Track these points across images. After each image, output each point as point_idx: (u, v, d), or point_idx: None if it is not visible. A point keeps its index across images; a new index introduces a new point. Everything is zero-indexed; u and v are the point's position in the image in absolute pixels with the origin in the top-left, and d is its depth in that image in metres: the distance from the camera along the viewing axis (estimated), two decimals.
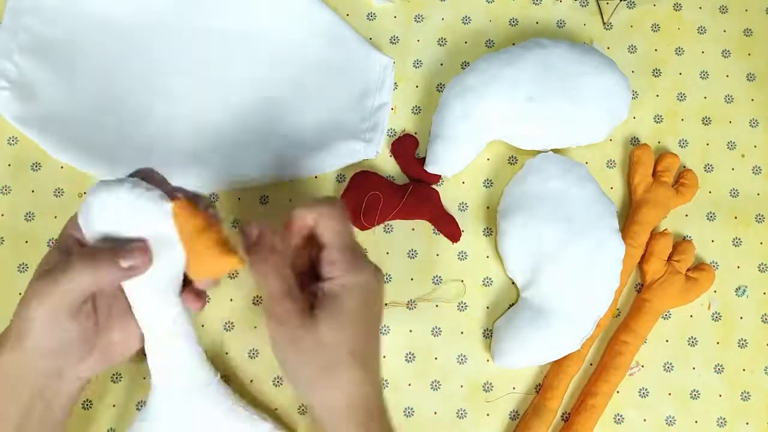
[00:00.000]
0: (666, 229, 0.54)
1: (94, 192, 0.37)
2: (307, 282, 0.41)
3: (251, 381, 0.50)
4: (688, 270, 0.53)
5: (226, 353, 0.51)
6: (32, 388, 0.39)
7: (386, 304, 0.52)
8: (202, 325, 0.51)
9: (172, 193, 0.38)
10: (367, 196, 0.51)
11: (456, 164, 0.52)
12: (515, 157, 0.55)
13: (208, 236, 0.37)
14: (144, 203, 0.37)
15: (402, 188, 0.52)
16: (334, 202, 0.40)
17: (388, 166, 0.54)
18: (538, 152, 0.53)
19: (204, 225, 0.37)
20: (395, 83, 0.55)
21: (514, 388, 0.52)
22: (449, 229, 0.53)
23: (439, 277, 0.53)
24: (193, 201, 0.38)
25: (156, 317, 0.40)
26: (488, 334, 0.52)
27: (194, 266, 0.39)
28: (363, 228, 0.52)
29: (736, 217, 0.55)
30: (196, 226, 0.37)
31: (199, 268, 0.39)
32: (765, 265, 0.55)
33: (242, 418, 0.46)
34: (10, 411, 0.39)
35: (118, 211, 0.37)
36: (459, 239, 0.53)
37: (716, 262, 0.54)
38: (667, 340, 0.53)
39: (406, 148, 0.53)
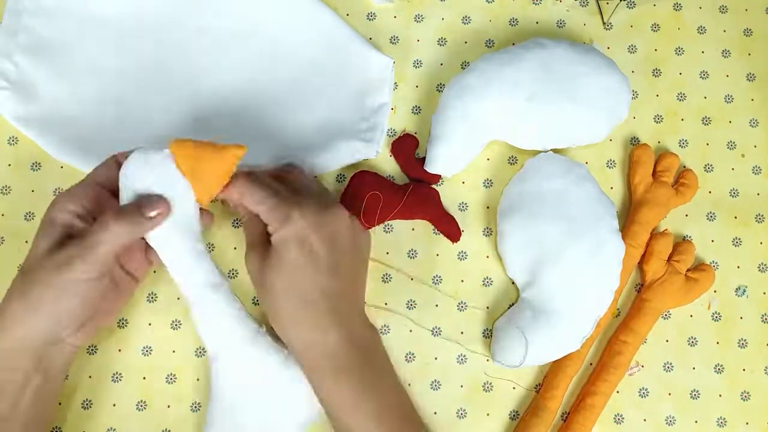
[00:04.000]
0: (666, 229, 0.54)
1: (126, 163, 0.44)
2: None
3: None
4: (688, 270, 0.53)
5: None
6: (32, 360, 0.41)
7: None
8: None
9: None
10: (367, 196, 0.51)
11: (456, 164, 0.52)
12: (515, 157, 0.55)
13: (205, 146, 0.43)
14: (153, 156, 0.43)
15: (402, 188, 0.52)
16: (240, 176, 0.43)
17: (388, 166, 0.54)
18: (538, 152, 0.53)
19: (195, 143, 0.43)
20: (395, 83, 0.55)
21: (514, 388, 0.52)
22: (449, 229, 0.53)
23: (439, 277, 0.53)
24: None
25: (191, 270, 0.44)
26: (488, 334, 0.52)
27: (204, 183, 0.43)
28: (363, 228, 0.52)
29: (736, 217, 0.55)
30: (191, 146, 0.43)
31: (210, 178, 0.43)
32: (765, 265, 0.55)
33: (299, 369, 0.46)
34: (7, 385, 0.40)
35: (137, 170, 0.43)
36: (459, 239, 0.53)
37: (716, 262, 0.54)
38: (667, 340, 0.53)
39: (406, 148, 0.53)
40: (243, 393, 0.46)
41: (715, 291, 0.54)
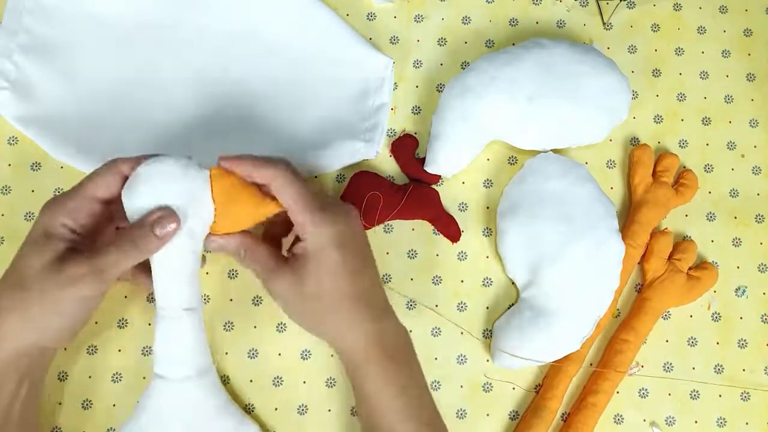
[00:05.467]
0: (666, 228, 0.54)
1: (148, 164, 0.41)
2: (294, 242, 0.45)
3: (251, 381, 0.50)
4: (690, 269, 0.53)
5: (226, 353, 0.51)
6: (22, 371, 0.41)
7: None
8: None
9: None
10: (367, 196, 0.51)
11: (456, 164, 0.52)
12: (515, 157, 0.55)
13: (246, 189, 0.42)
14: (189, 171, 0.41)
15: (402, 188, 0.52)
16: (282, 165, 0.42)
17: (388, 166, 0.54)
18: (538, 152, 0.53)
19: (240, 182, 0.42)
20: (395, 83, 0.55)
21: (513, 389, 0.52)
22: (449, 229, 0.53)
23: (439, 277, 0.53)
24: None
25: (179, 292, 0.42)
26: (488, 334, 0.52)
27: (230, 220, 0.42)
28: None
29: (736, 217, 0.55)
30: (234, 183, 0.42)
31: (236, 220, 0.43)
32: (765, 265, 0.55)
33: (234, 416, 0.46)
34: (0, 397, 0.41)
35: (168, 181, 0.41)
36: (459, 239, 0.53)
37: (716, 262, 0.54)
38: (667, 340, 0.53)
39: (406, 148, 0.53)
40: (172, 421, 0.44)
41: (715, 291, 0.54)
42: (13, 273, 0.41)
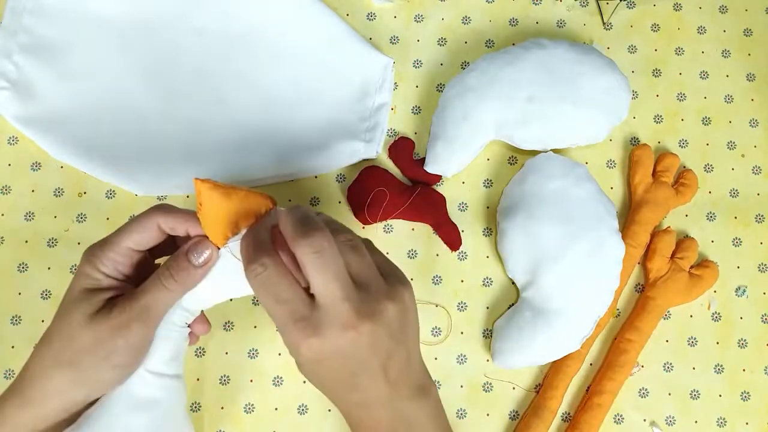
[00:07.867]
0: (669, 227, 0.54)
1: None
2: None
3: (251, 380, 0.50)
4: (692, 267, 0.53)
5: (226, 353, 0.51)
6: (58, 427, 0.38)
7: None
8: None
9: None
10: (374, 192, 0.51)
11: (456, 164, 0.52)
12: (515, 157, 0.55)
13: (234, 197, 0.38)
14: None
15: (410, 189, 0.52)
16: (312, 228, 0.36)
17: (389, 166, 0.54)
18: (538, 152, 0.53)
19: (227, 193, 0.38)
20: (395, 83, 0.55)
21: (513, 388, 0.52)
22: (450, 237, 0.52)
23: (439, 277, 0.53)
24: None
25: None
26: (488, 334, 0.52)
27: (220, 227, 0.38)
28: (366, 222, 0.52)
29: (736, 217, 0.55)
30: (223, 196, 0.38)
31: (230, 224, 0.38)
32: (765, 265, 0.55)
33: None
34: None
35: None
36: (458, 248, 0.53)
37: (716, 263, 0.54)
38: (667, 340, 0.53)
39: (403, 151, 0.53)
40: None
41: (715, 291, 0.54)
42: (58, 329, 0.38)
